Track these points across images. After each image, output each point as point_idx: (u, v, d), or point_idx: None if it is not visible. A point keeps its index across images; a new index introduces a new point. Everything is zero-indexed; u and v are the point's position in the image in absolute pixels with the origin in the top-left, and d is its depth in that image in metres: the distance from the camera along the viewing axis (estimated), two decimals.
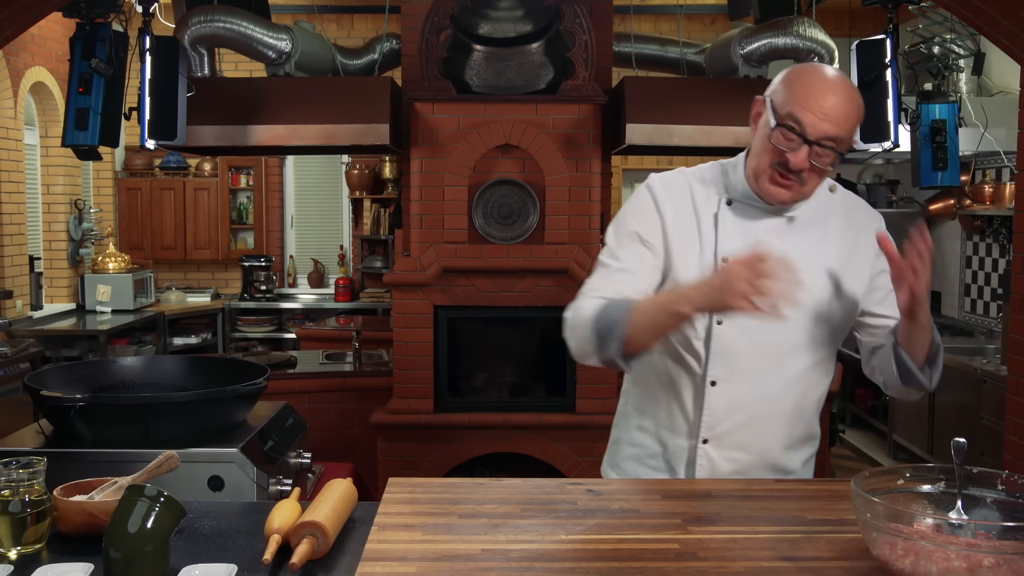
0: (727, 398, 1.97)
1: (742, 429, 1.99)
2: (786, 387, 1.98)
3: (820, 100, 1.81)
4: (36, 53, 7.12)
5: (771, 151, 1.85)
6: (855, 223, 2.01)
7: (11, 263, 6.74)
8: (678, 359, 1.99)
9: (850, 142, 1.87)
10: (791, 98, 1.83)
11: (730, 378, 1.95)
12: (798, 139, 1.81)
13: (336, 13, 8.20)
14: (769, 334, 1.91)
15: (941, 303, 7.35)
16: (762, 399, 1.97)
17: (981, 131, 5.64)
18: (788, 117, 1.82)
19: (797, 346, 1.97)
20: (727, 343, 1.94)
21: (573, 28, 4.69)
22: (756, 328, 1.86)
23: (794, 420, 2.03)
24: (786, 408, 2.00)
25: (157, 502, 1.53)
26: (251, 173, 8.60)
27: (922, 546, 1.37)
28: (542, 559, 1.53)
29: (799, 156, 1.82)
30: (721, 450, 2.00)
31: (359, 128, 4.65)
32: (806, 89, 1.83)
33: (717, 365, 1.95)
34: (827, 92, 1.82)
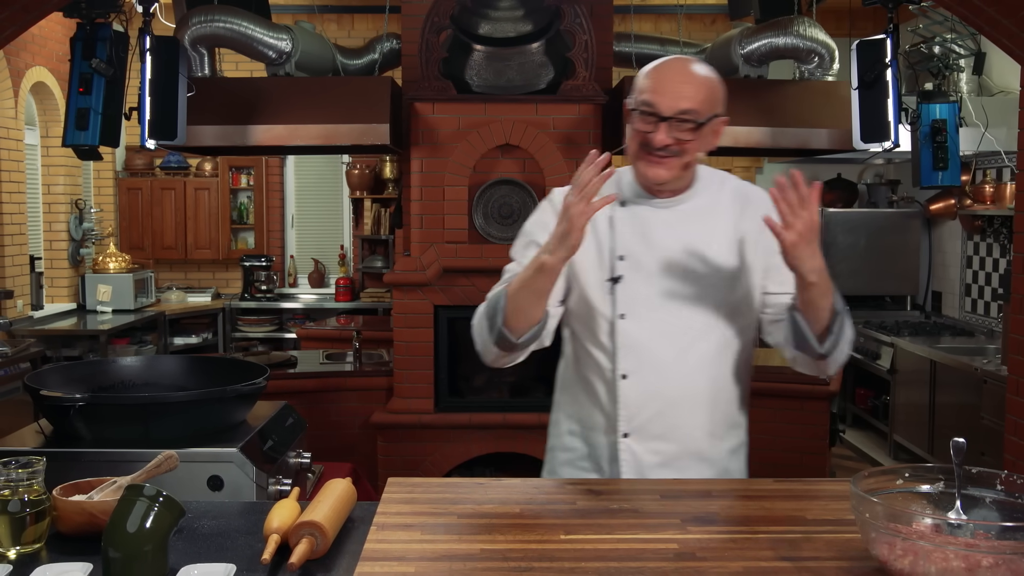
0: (639, 390, 2.04)
1: (659, 419, 2.05)
2: (696, 373, 2.05)
3: (667, 81, 1.97)
4: (37, 53, 7.13)
5: (637, 136, 2.01)
6: (748, 211, 2.08)
7: (12, 263, 6.75)
8: (589, 358, 2.10)
9: (707, 114, 1.98)
10: (643, 86, 2.00)
11: (640, 370, 2.04)
12: (654, 118, 1.96)
13: (336, 13, 8.20)
14: (671, 322, 2.03)
15: (942, 303, 7.36)
16: (674, 387, 2.05)
17: (982, 131, 5.63)
18: (643, 103, 1.98)
19: (700, 331, 2.05)
20: (632, 335, 2.03)
21: (573, 28, 4.69)
22: (658, 317, 2.02)
23: (712, 406, 2.09)
24: (701, 394, 2.06)
25: (156, 502, 1.53)
26: (252, 173, 8.60)
27: (921, 546, 1.37)
28: (541, 559, 1.53)
29: (659, 133, 1.96)
30: (643, 443, 2.07)
31: (359, 128, 4.66)
32: (654, 75, 2.00)
33: (625, 358, 2.04)
34: (672, 73, 1.99)
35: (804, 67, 4.84)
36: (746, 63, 4.89)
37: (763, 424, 4.89)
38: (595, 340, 2.07)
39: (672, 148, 1.97)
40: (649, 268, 2.04)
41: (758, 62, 4.87)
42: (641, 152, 2.01)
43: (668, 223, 2.06)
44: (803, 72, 4.86)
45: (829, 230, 7.37)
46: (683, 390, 2.05)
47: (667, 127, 1.95)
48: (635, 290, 2.03)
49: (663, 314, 2.02)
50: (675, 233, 2.05)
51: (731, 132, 4.68)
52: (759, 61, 4.86)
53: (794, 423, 4.87)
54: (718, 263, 2.05)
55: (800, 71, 4.89)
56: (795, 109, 4.75)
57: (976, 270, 6.79)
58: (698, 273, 2.03)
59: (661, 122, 1.95)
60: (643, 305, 2.03)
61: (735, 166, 8.52)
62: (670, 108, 1.95)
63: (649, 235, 2.05)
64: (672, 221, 2.06)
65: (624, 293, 2.03)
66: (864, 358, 6.80)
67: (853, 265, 7.39)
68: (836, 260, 7.38)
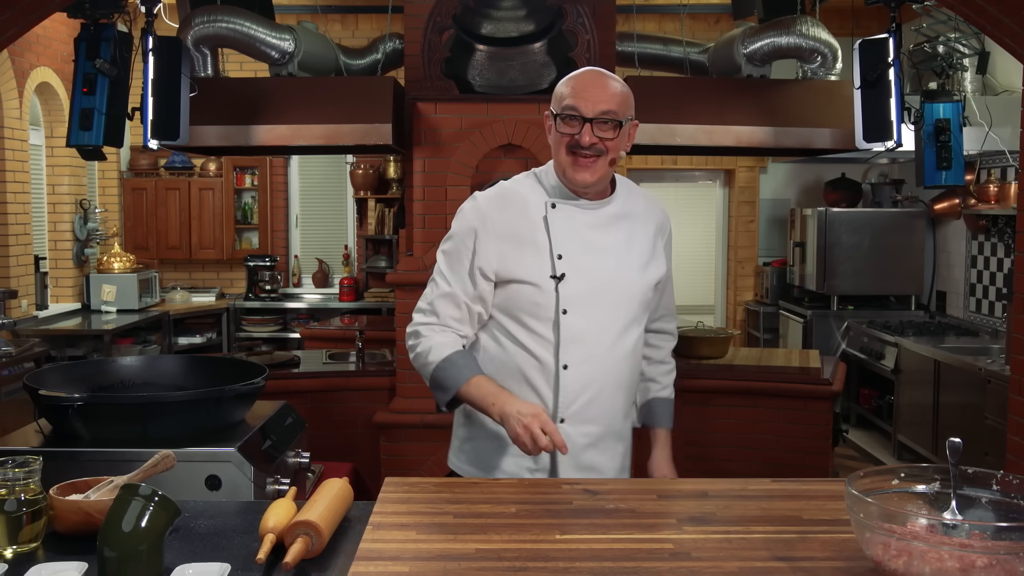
0: (578, 378, 2.22)
1: (592, 404, 2.25)
2: (622, 361, 2.27)
3: (587, 86, 2.16)
4: (41, 53, 7.14)
5: (563, 140, 2.17)
6: (652, 219, 2.35)
7: (16, 263, 6.76)
8: (531, 352, 2.22)
9: (624, 116, 2.17)
10: (564, 93, 2.17)
11: (579, 360, 2.21)
12: (578, 120, 2.14)
13: (340, 13, 8.20)
14: (606, 317, 2.23)
15: (946, 303, 7.34)
16: (605, 375, 2.25)
17: (986, 130, 5.62)
18: (567, 108, 2.15)
19: (626, 325, 2.27)
20: (574, 329, 2.20)
21: (575, 28, 4.69)
22: (594, 312, 2.20)
23: (629, 390, 2.35)
24: (623, 380, 2.30)
25: (151, 501, 1.54)
26: (256, 173, 8.61)
27: (915, 546, 1.37)
28: (536, 559, 1.53)
29: (585, 134, 2.14)
30: (576, 426, 2.24)
31: (362, 128, 4.65)
32: (574, 83, 2.18)
33: (567, 350, 2.20)
34: (591, 79, 2.17)
35: (807, 67, 4.83)
36: (749, 63, 4.88)
37: (766, 424, 4.90)
38: (534, 334, 2.21)
39: (597, 147, 2.15)
40: (584, 266, 2.20)
41: (761, 62, 4.86)
42: (568, 156, 2.17)
43: (596, 224, 2.24)
44: (806, 72, 4.85)
45: (833, 230, 7.37)
46: (611, 378, 2.26)
47: (591, 128, 2.13)
48: (575, 287, 2.19)
49: (598, 309, 2.21)
50: (603, 233, 2.25)
51: (734, 132, 4.68)
52: (762, 61, 4.85)
53: (797, 423, 4.86)
54: (639, 263, 2.28)
55: (803, 71, 4.88)
56: (798, 109, 4.74)
57: (980, 270, 6.78)
58: (624, 271, 2.25)
59: (585, 123, 2.13)
60: (583, 301, 2.19)
61: (739, 165, 8.53)
62: (592, 110, 2.13)
63: (581, 234, 2.22)
64: (599, 223, 2.25)
65: (566, 290, 2.18)
66: (868, 358, 6.79)
67: (857, 265, 7.38)
68: (840, 260, 7.38)
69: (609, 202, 2.27)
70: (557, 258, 2.18)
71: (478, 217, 2.21)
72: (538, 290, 2.18)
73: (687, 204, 8.92)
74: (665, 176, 8.85)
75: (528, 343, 2.21)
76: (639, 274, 2.27)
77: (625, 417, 2.35)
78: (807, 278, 7.64)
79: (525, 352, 2.22)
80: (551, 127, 2.20)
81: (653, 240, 2.33)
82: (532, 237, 2.20)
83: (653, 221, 2.34)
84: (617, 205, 2.28)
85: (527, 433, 2.00)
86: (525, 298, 2.19)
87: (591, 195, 2.24)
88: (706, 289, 8.98)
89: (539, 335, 2.20)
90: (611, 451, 2.32)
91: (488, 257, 2.19)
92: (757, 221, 8.60)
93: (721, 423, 4.94)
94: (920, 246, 7.42)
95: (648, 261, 2.30)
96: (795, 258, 7.92)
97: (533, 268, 2.18)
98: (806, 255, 7.66)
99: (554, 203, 2.22)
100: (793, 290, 8.07)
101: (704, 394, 4.93)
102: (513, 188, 2.27)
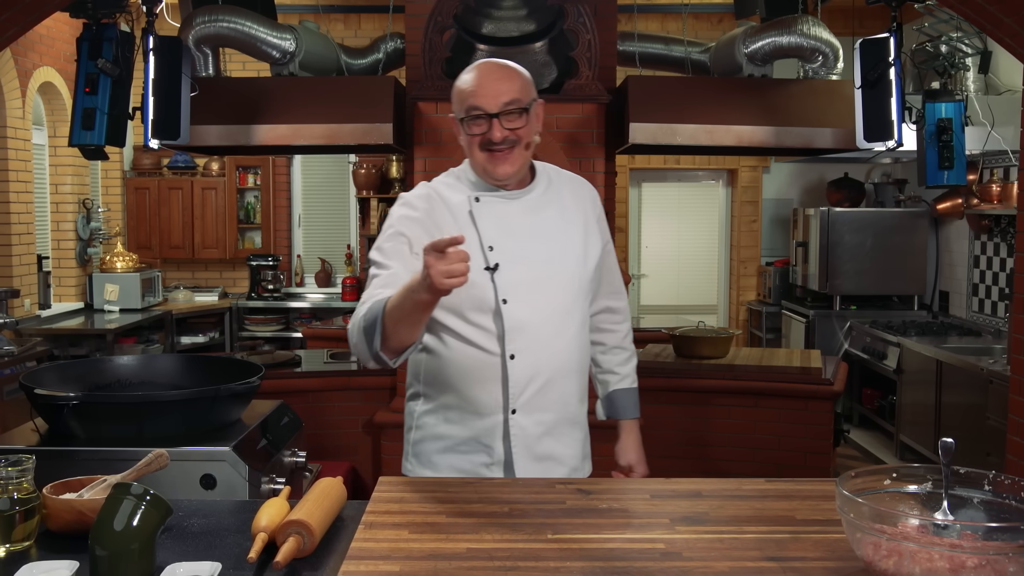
0: (526, 367, 2.19)
1: (543, 392, 2.22)
2: (569, 345, 2.26)
3: (483, 82, 2.14)
4: (44, 53, 7.16)
5: (474, 140, 2.16)
6: (580, 196, 2.34)
7: (19, 262, 6.78)
8: (477, 345, 2.19)
9: (528, 100, 2.16)
10: (463, 95, 2.15)
11: (525, 349, 2.19)
12: (485, 119, 2.12)
13: (344, 13, 8.21)
14: (548, 303, 2.21)
15: (949, 303, 7.33)
16: (553, 361, 2.22)
17: (988, 130, 5.60)
18: (468, 109, 2.14)
19: (568, 309, 2.25)
20: (516, 318, 2.17)
21: (576, 27, 4.68)
22: (534, 299, 2.18)
23: (580, 375, 2.32)
24: (573, 365, 2.28)
25: (143, 500, 1.54)
26: (259, 173, 8.62)
27: (905, 547, 1.37)
28: (527, 558, 1.53)
29: (495, 130, 2.12)
30: (529, 415, 2.22)
31: (362, 128, 4.65)
32: (469, 82, 2.15)
33: (512, 339, 2.17)
34: (485, 74, 2.15)
35: (808, 66, 4.82)
36: (750, 62, 4.87)
37: (767, 424, 4.89)
38: (476, 327, 2.18)
39: (509, 139, 2.14)
40: (517, 254, 2.19)
41: (762, 61, 4.85)
42: (482, 153, 2.16)
43: (523, 212, 2.24)
44: (807, 71, 4.85)
45: (836, 229, 7.36)
46: (560, 363, 2.24)
47: (499, 123, 2.12)
48: (512, 276, 2.17)
49: (539, 296, 2.19)
50: (531, 220, 2.24)
51: (735, 131, 4.67)
52: (763, 60, 4.85)
53: (798, 423, 4.86)
54: (573, 245, 2.27)
55: (804, 70, 4.87)
56: (799, 108, 4.73)
57: (983, 270, 6.76)
58: (559, 255, 2.24)
59: (492, 119, 2.11)
60: (521, 289, 2.18)
61: (742, 165, 8.52)
62: (495, 104, 2.11)
63: (509, 224, 2.21)
64: (526, 210, 2.24)
65: (503, 279, 2.16)
66: (871, 358, 6.78)
67: (860, 265, 7.37)
68: (843, 260, 7.37)
69: (532, 188, 2.27)
70: (488, 250, 2.17)
71: (409, 212, 2.21)
72: (476, 283, 2.11)
73: (690, 204, 8.92)
74: (668, 176, 8.85)
75: (472, 337, 2.18)
76: (576, 255, 2.27)
77: (580, 402, 2.33)
78: (810, 278, 7.63)
79: (471, 346, 2.19)
80: (459, 130, 2.19)
81: (585, 218, 2.32)
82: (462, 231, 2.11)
83: (581, 199, 2.34)
84: (540, 190, 2.28)
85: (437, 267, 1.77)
86: (463, 291, 1.98)
87: (512, 185, 2.24)
88: (709, 289, 8.98)
89: (481, 327, 2.18)
90: (567, 438, 2.31)
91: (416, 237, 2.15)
92: (760, 221, 8.59)
93: (722, 423, 4.94)
94: (923, 246, 7.41)
95: (584, 241, 2.29)
96: (798, 258, 7.91)
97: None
98: (809, 255, 7.65)
99: (477, 197, 2.22)
100: (796, 290, 8.06)
101: (705, 394, 4.93)
102: (435, 188, 2.27)
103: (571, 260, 2.26)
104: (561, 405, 2.26)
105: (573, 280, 2.26)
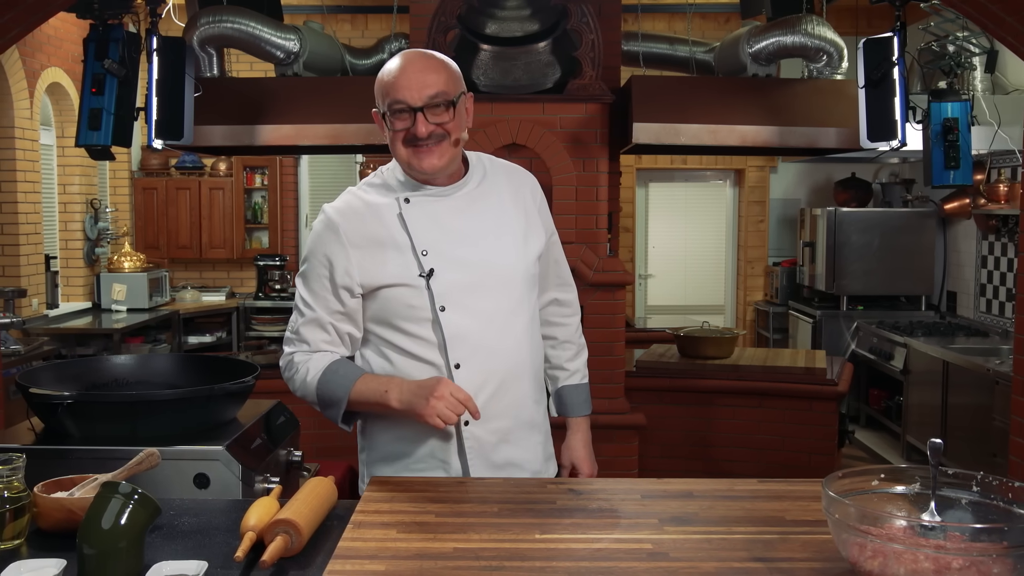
0: (473, 376, 2.06)
1: (495, 398, 2.10)
2: (519, 347, 2.14)
3: (407, 75, 2.00)
4: (52, 54, 7.19)
5: (399, 136, 2.02)
6: (518, 187, 2.22)
7: (27, 262, 6.81)
8: (419, 357, 2.08)
9: (455, 93, 2.04)
10: (386, 89, 2.01)
11: (471, 356, 2.07)
12: (408, 113, 2.00)
13: (351, 13, 8.23)
14: (488, 306, 2.08)
15: (957, 303, 7.29)
16: (502, 366, 2.11)
17: (995, 129, 5.58)
18: (392, 103, 2.00)
19: (512, 309, 2.13)
20: (456, 325, 2.05)
21: (580, 27, 4.68)
22: (474, 302, 2.06)
23: (534, 375, 2.21)
24: (524, 367, 2.16)
25: (131, 499, 1.54)
26: (266, 173, 8.64)
27: (890, 548, 1.36)
28: (513, 558, 1.53)
29: (419, 124, 1.99)
30: (482, 425, 2.09)
31: (366, 128, 4.66)
32: (392, 75, 2.01)
33: (455, 348, 2.05)
34: (408, 67, 2.01)
35: (813, 66, 4.81)
36: (754, 62, 4.87)
37: (771, 425, 4.89)
38: (416, 338, 2.07)
39: (436, 133, 2.01)
40: (452, 256, 2.06)
41: (766, 61, 4.85)
42: (407, 148, 2.03)
43: (457, 209, 2.10)
44: (812, 71, 4.83)
45: (843, 229, 7.33)
46: (510, 367, 2.12)
47: (423, 117, 1.99)
48: (447, 280, 2.05)
49: (478, 298, 2.07)
50: (466, 217, 2.10)
51: (738, 131, 4.66)
52: (767, 60, 4.84)
53: (802, 424, 4.85)
54: (513, 238, 2.14)
55: (809, 70, 4.86)
56: (803, 108, 4.72)
57: (991, 270, 6.73)
58: (499, 252, 2.11)
59: (417, 113, 1.99)
60: (458, 293, 2.05)
61: (749, 165, 8.50)
62: (419, 98, 1.99)
63: (443, 224, 2.08)
64: (460, 207, 2.11)
65: (438, 286, 2.04)
66: (877, 359, 6.75)
67: (867, 265, 7.35)
68: (850, 260, 7.34)
69: (465, 183, 2.13)
70: (422, 255, 2.04)
71: (329, 231, 2.06)
72: (410, 290, 2.04)
73: (697, 204, 8.90)
74: (675, 176, 8.84)
75: (413, 349, 2.07)
76: (517, 251, 2.14)
77: (536, 403, 2.22)
78: (817, 278, 7.61)
79: (412, 359, 2.07)
80: (383, 126, 2.05)
81: (525, 210, 2.19)
82: (391, 238, 2.05)
83: (520, 190, 2.21)
84: (474, 183, 2.14)
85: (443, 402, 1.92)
86: (398, 302, 2.05)
87: (443, 180, 2.10)
88: (716, 289, 8.96)
89: (421, 339, 2.06)
90: (526, 442, 2.18)
91: (349, 271, 2.04)
92: (767, 221, 8.57)
93: (726, 423, 4.93)
94: (931, 246, 7.38)
95: (525, 234, 2.16)
96: (805, 258, 7.89)
97: (398, 270, 2.04)
98: (816, 255, 7.63)
99: (407, 198, 2.08)
100: (803, 290, 8.04)
101: (709, 394, 4.93)
102: (359, 194, 2.12)
103: (511, 256, 2.13)
104: (515, 410, 2.14)
105: (515, 277, 2.13)
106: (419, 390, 1.96)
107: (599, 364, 4.65)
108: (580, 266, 4.65)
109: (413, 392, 1.97)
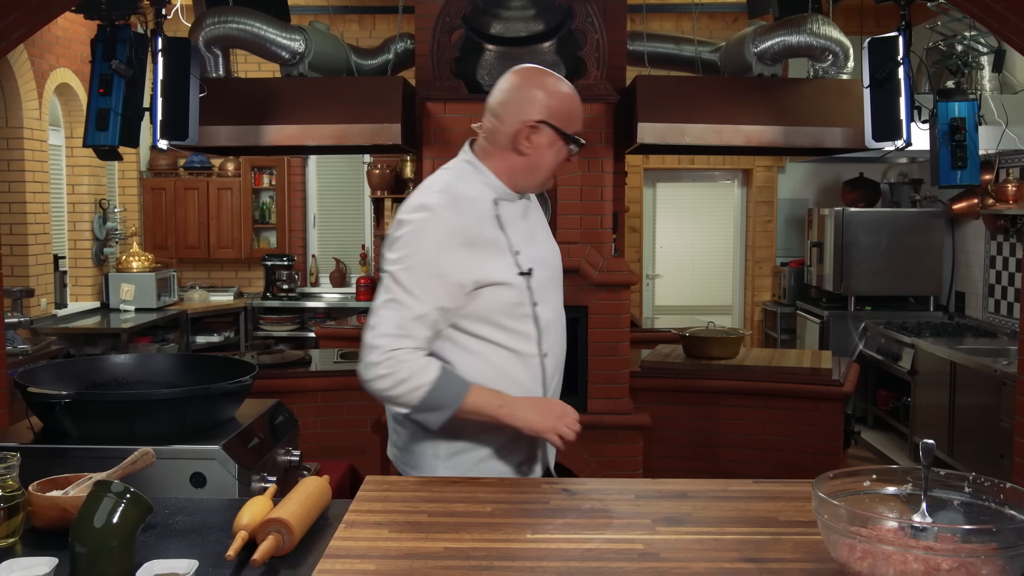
0: (552, 363, 2.28)
1: (558, 384, 2.34)
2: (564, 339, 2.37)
3: (579, 108, 2.21)
4: (61, 55, 7.22)
5: (562, 157, 2.21)
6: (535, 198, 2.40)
7: (36, 262, 6.84)
8: (515, 351, 2.20)
9: None
10: (573, 116, 2.18)
11: (553, 345, 2.28)
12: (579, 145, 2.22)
13: (358, 13, 8.24)
14: (557, 298, 2.33)
15: (965, 303, 7.26)
16: (562, 355, 2.34)
17: (1003, 129, 5.55)
18: (576, 132, 2.19)
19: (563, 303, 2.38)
20: (546, 319, 2.24)
21: (585, 27, 4.67)
22: (553, 299, 2.29)
23: None
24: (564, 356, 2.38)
25: (123, 498, 1.55)
26: (274, 173, 8.66)
27: (880, 549, 1.36)
28: (503, 558, 1.53)
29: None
30: None
31: (371, 128, 4.66)
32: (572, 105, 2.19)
33: (545, 339, 2.24)
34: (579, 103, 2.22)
35: (818, 65, 4.79)
36: (760, 61, 4.85)
37: (776, 425, 4.87)
38: (516, 333, 2.19)
39: None
40: (534, 255, 2.23)
41: (772, 60, 4.83)
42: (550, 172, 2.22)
43: (525, 216, 2.28)
44: (817, 71, 4.82)
45: (851, 230, 7.31)
46: (562, 357, 2.35)
47: None
48: (538, 278, 2.22)
49: (554, 295, 2.31)
50: (530, 220, 2.30)
51: (744, 131, 4.65)
52: (772, 59, 4.83)
53: (807, 424, 4.83)
54: (554, 244, 2.40)
55: (814, 69, 4.84)
56: (808, 108, 4.70)
57: (999, 270, 6.70)
58: (554, 250, 2.38)
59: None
60: (545, 290, 2.25)
61: (757, 165, 8.48)
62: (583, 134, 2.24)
63: (522, 228, 2.24)
64: (525, 214, 2.29)
65: (535, 283, 2.20)
66: (885, 359, 6.73)
67: (875, 265, 7.32)
68: (858, 260, 7.32)
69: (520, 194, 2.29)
70: (516, 254, 2.17)
71: (440, 228, 2.07)
72: (512, 289, 2.14)
73: (705, 204, 8.88)
74: (683, 176, 8.82)
75: (512, 344, 2.17)
76: (557, 255, 2.39)
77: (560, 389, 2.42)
78: (825, 278, 7.58)
79: (508, 352, 2.17)
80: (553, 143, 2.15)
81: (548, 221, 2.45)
82: (491, 237, 2.14)
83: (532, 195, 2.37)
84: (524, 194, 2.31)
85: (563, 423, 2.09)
86: (501, 300, 2.13)
87: None
88: (723, 289, 8.94)
89: (521, 333, 2.18)
90: None
91: (462, 268, 2.07)
92: (775, 221, 8.54)
93: (731, 424, 4.92)
94: (939, 246, 7.35)
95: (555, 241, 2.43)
96: (813, 258, 7.87)
97: (502, 268, 2.14)
98: (824, 255, 7.61)
99: (496, 200, 2.19)
100: (811, 290, 8.02)
101: (714, 395, 4.91)
102: (463, 190, 2.16)
103: (558, 253, 2.40)
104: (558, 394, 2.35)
105: (561, 271, 2.39)
106: (544, 409, 2.12)
107: (603, 364, 4.65)
108: (585, 266, 4.65)
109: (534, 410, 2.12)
